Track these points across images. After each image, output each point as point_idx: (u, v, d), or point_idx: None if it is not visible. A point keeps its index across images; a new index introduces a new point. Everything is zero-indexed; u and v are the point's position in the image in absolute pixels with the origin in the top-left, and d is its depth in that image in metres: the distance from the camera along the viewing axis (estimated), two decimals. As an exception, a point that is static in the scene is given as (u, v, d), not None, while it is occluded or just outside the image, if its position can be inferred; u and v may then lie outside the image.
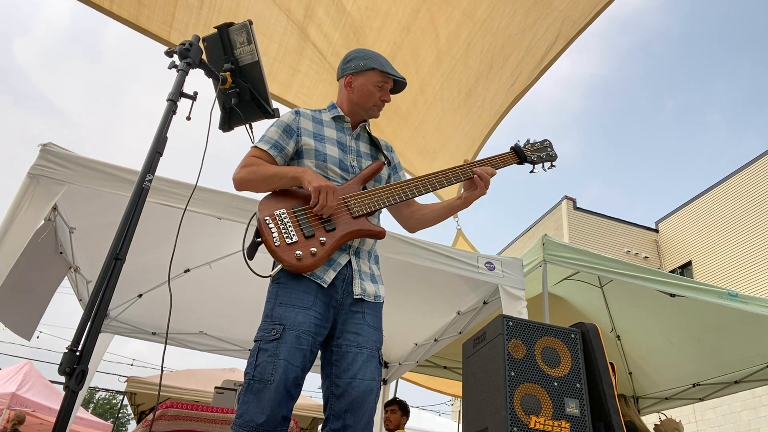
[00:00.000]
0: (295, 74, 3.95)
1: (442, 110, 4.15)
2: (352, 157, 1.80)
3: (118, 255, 1.24)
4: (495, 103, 4.03)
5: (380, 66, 1.81)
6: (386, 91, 1.83)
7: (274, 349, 1.45)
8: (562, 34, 3.50)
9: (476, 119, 4.15)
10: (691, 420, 11.60)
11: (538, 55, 3.67)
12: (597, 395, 2.23)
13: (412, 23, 3.57)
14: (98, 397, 33.33)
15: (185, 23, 3.54)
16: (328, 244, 1.56)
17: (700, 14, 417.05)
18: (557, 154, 2.04)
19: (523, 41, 3.59)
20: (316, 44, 3.76)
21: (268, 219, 1.56)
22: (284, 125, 1.77)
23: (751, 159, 13.32)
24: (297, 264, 1.51)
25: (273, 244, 1.52)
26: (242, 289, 4.39)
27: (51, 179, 2.58)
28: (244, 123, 1.82)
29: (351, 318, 1.61)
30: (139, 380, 7.60)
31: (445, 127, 4.25)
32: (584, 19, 3.42)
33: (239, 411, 1.44)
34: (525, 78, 3.83)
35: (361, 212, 1.65)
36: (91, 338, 1.14)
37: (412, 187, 1.74)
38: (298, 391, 1.47)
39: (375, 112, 1.86)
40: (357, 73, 1.82)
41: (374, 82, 1.80)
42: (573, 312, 4.88)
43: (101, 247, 3.54)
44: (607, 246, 15.08)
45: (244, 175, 1.65)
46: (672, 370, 5.21)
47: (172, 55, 1.56)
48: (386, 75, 1.81)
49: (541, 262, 3.45)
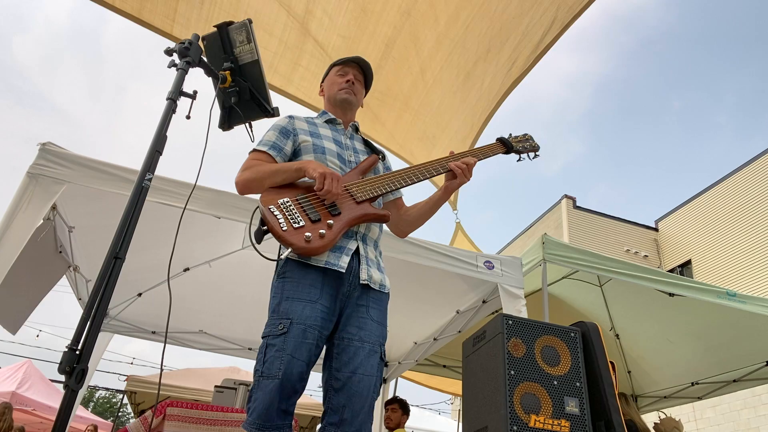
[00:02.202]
0: (296, 68, 3.96)
1: (442, 93, 4.19)
2: (350, 152, 1.85)
3: (117, 254, 1.24)
4: (493, 86, 4.08)
5: (337, 61, 1.99)
6: (349, 74, 1.97)
7: (282, 344, 1.45)
8: (558, 18, 3.55)
9: (475, 103, 4.19)
10: (690, 419, 11.62)
11: (535, 40, 3.72)
12: (597, 394, 2.23)
13: (412, 7, 3.62)
14: (98, 396, 33.36)
15: (187, 17, 3.55)
16: (336, 227, 1.55)
17: (709, 13, 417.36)
18: (539, 145, 2.19)
19: (519, 25, 3.64)
20: (317, 38, 3.77)
21: (272, 207, 1.55)
22: (280, 128, 1.81)
23: (750, 158, 13.33)
24: (306, 246, 1.48)
25: (280, 228, 1.49)
26: (242, 288, 4.40)
27: (50, 178, 2.57)
28: (243, 122, 1.82)
29: (355, 311, 1.61)
30: (139, 379, 7.60)
31: (444, 110, 4.29)
32: (579, 4, 3.48)
33: (251, 408, 1.43)
34: (522, 63, 3.88)
35: (364, 197, 1.66)
36: (90, 337, 1.14)
37: (411, 174, 1.78)
38: (302, 385, 1.46)
39: (344, 96, 1.94)
40: (323, 79, 2.06)
41: (335, 73, 1.99)
42: (572, 311, 4.88)
43: (101, 246, 3.54)
44: (606, 245, 15.08)
45: (247, 176, 1.66)
46: (671, 368, 5.22)
47: (172, 53, 1.55)
48: (340, 62, 1.98)
49: (540, 261, 3.45)
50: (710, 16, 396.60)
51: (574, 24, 3.58)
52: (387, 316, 1.71)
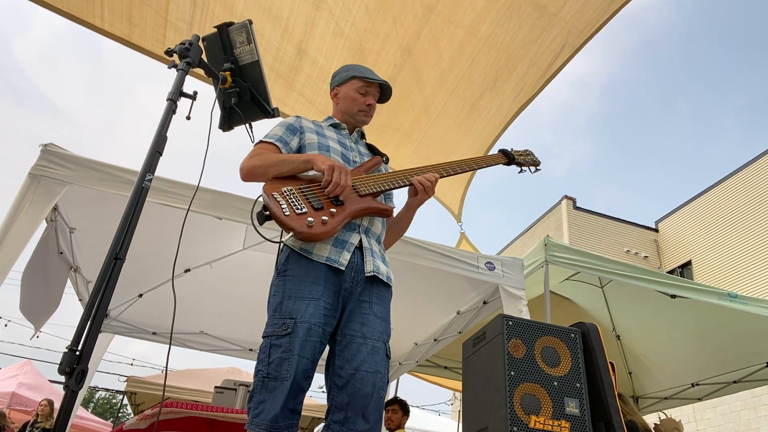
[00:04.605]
0: (289, 93, 3.91)
1: (446, 126, 4.13)
2: (354, 153, 1.87)
3: (118, 254, 1.24)
4: (499, 113, 4.00)
5: (359, 73, 1.90)
6: (370, 96, 1.91)
7: (288, 345, 1.43)
8: (569, 43, 3.46)
9: (480, 130, 4.11)
10: (690, 419, 11.60)
11: (544, 66, 3.62)
12: (597, 395, 2.23)
13: (413, 45, 3.53)
14: (98, 397, 33.34)
15: (176, 42, 3.54)
16: (339, 216, 1.55)
17: (716, 13, 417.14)
18: (540, 161, 2.24)
19: (528, 53, 3.54)
20: (311, 75, 3.72)
21: (275, 194, 1.54)
22: (287, 124, 1.82)
23: (750, 159, 13.32)
24: (308, 231, 1.47)
25: (282, 213, 1.49)
26: (243, 289, 4.40)
27: (52, 179, 2.58)
28: (243, 122, 1.82)
29: (358, 307, 1.60)
30: (139, 380, 7.61)
31: (448, 140, 4.21)
32: (591, 27, 3.37)
33: (255, 410, 1.42)
34: (530, 88, 3.79)
35: (367, 192, 1.67)
36: (90, 338, 1.14)
37: (413, 174, 1.80)
38: (308, 383, 1.46)
39: (362, 118, 1.92)
40: (341, 84, 1.94)
41: (356, 88, 1.90)
42: (574, 312, 4.88)
43: (101, 247, 3.54)
44: (606, 245, 15.07)
45: (253, 162, 1.65)
46: (672, 369, 5.21)
47: (172, 54, 1.56)
48: (366, 80, 1.89)
49: (543, 262, 3.46)
50: (716, 16, 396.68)
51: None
52: (390, 312, 1.70)
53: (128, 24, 3.39)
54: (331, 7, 3.33)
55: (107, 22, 3.37)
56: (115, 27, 3.41)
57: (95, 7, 3.28)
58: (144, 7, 3.31)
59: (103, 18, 3.34)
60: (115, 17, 3.35)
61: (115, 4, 3.28)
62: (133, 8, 3.31)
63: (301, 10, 3.34)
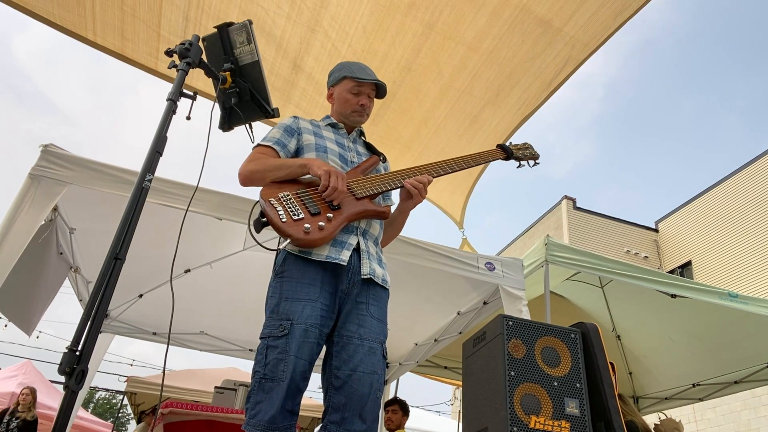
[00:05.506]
0: (286, 105, 3.89)
1: (446, 138, 4.10)
2: (352, 153, 1.87)
3: (118, 255, 1.23)
4: (501, 125, 3.97)
5: (351, 73, 1.89)
6: (363, 96, 1.90)
7: (284, 346, 1.44)
8: (573, 57, 3.42)
9: (482, 142, 4.09)
10: (690, 420, 11.60)
11: (547, 79, 3.59)
12: (597, 395, 2.23)
13: (413, 62, 3.50)
14: (98, 397, 33.34)
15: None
16: (336, 221, 1.56)
17: (718, 14, 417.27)
18: (539, 154, 2.19)
19: (531, 67, 3.51)
20: (307, 91, 3.69)
21: (272, 200, 1.55)
22: (285, 126, 1.83)
23: (750, 159, 13.32)
24: (305, 237, 1.48)
25: (279, 220, 1.49)
26: (243, 289, 4.39)
27: (52, 180, 2.57)
28: (243, 122, 1.82)
29: (355, 308, 1.60)
30: (139, 380, 7.60)
31: (449, 152, 4.17)
32: (596, 41, 3.31)
33: (252, 411, 1.43)
34: (533, 101, 3.76)
35: (364, 194, 1.67)
36: (90, 338, 1.14)
37: (411, 174, 1.79)
38: (305, 384, 1.46)
39: (356, 118, 1.92)
40: (334, 84, 1.94)
41: (348, 89, 1.89)
42: (574, 312, 4.88)
43: (101, 247, 3.54)
44: (606, 245, 15.06)
45: (251, 167, 1.66)
46: (672, 369, 5.21)
47: (172, 54, 1.55)
48: (358, 80, 1.88)
49: (543, 262, 3.46)
50: (718, 15, 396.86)
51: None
52: (387, 313, 1.71)
53: (120, 38, 3.37)
54: (326, 30, 3.30)
55: (99, 36, 3.35)
56: (107, 41, 3.39)
57: (87, 21, 3.26)
58: (136, 22, 3.28)
59: (95, 32, 3.32)
60: (107, 31, 3.33)
61: (107, 18, 3.25)
62: (125, 22, 3.28)
63: (295, 31, 3.32)
